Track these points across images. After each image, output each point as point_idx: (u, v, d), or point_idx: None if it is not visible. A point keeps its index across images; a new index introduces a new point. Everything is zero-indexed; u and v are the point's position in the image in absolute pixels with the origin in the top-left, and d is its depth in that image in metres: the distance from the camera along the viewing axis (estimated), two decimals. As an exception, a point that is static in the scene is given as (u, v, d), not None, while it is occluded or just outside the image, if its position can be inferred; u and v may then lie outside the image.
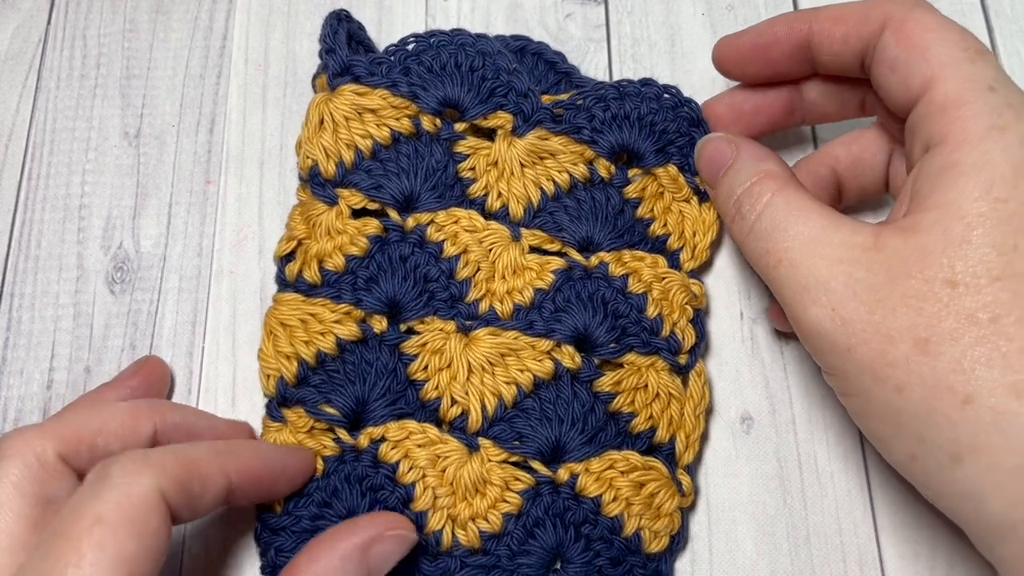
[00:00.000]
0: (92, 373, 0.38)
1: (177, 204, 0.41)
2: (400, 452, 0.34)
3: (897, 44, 0.30)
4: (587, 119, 0.38)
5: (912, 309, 0.27)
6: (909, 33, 0.30)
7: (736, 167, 0.34)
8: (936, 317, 0.26)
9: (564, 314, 0.36)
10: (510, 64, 0.38)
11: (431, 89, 0.38)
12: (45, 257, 0.40)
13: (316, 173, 0.37)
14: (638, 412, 0.36)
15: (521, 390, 0.35)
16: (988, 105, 0.28)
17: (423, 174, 0.37)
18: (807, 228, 0.30)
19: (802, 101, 0.37)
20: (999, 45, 0.43)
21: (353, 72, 0.38)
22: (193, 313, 0.39)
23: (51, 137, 0.42)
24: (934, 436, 0.26)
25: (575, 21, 0.44)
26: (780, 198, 0.31)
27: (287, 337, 0.36)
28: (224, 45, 0.44)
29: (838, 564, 0.35)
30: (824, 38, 0.33)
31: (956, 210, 0.27)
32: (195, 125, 0.42)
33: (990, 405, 0.25)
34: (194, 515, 0.29)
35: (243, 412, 0.38)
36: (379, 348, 0.36)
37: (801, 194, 0.31)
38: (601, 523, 0.34)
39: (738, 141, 0.35)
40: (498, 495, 0.34)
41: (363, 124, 0.38)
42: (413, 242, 0.37)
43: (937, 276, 0.27)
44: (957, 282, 0.26)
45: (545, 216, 0.38)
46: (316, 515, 0.34)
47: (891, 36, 0.30)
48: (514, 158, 0.38)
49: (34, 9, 0.45)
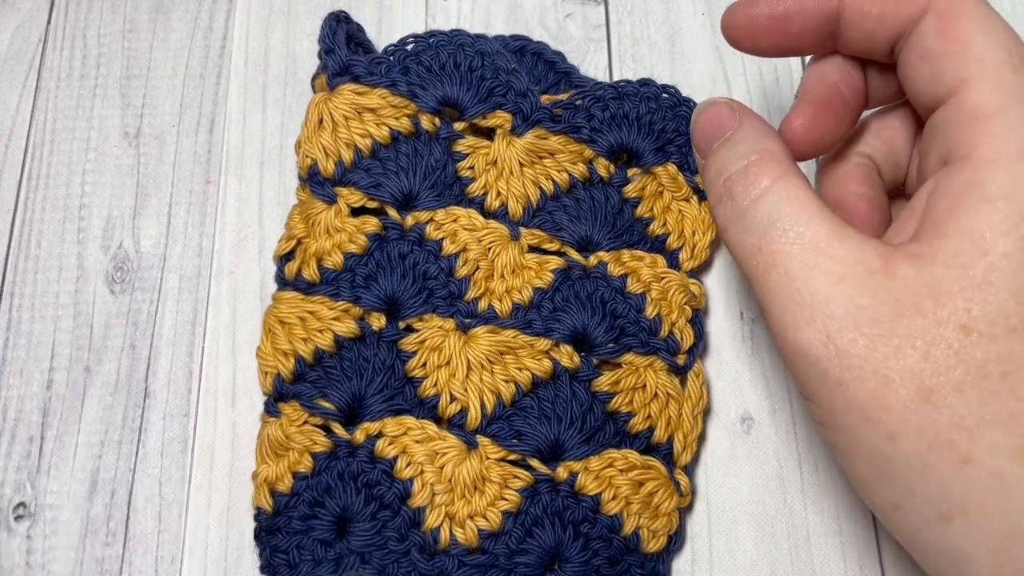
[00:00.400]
0: (92, 373, 0.38)
1: (177, 204, 0.41)
2: (397, 448, 0.34)
3: (937, 33, 0.26)
4: (586, 119, 0.38)
5: (918, 351, 0.24)
6: (953, 23, 0.26)
7: (735, 139, 0.29)
8: (944, 364, 0.24)
9: (563, 313, 0.36)
10: (509, 64, 0.38)
11: (430, 88, 0.38)
12: (45, 257, 0.40)
13: (315, 172, 0.38)
14: (636, 412, 0.36)
15: (520, 389, 0.35)
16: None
17: (422, 173, 0.37)
18: (809, 231, 0.26)
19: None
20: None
21: (352, 72, 0.38)
22: (193, 313, 0.39)
23: (51, 137, 0.42)
24: (924, 490, 0.24)
25: (575, 21, 0.44)
26: (781, 187, 0.27)
27: (286, 335, 0.36)
28: (224, 45, 0.44)
29: (838, 564, 0.35)
30: (857, 14, 0.28)
31: (979, 244, 0.24)
32: (195, 125, 0.43)
33: (991, 467, 0.23)
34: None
35: (243, 412, 0.38)
36: (377, 345, 0.36)
37: (804, 187, 0.27)
38: (600, 522, 0.34)
39: (742, 110, 0.30)
40: (497, 493, 0.34)
41: (362, 123, 0.38)
42: (412, 240, 0.37)
43: (951, 319, 0.24)
44: (972, 328, 0.24)
45: (544, 215, 0.38)
46: (307, 515, 0.34)
47: (932, 23, 0.27)
48: (513, 157, 0.38)
49: (34, 9, 0.45)
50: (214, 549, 0.36)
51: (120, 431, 0.38)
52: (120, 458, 0.37)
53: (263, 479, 0.35)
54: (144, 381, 0.38)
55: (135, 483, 0.37)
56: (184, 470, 0.37)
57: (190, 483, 0.37)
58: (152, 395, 0.38)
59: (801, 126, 0.30)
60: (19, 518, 0.36)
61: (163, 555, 0.36)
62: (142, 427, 0.38)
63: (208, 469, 0.37)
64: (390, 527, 0.34)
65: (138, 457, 0.37)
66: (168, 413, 0.38)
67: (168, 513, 0.36)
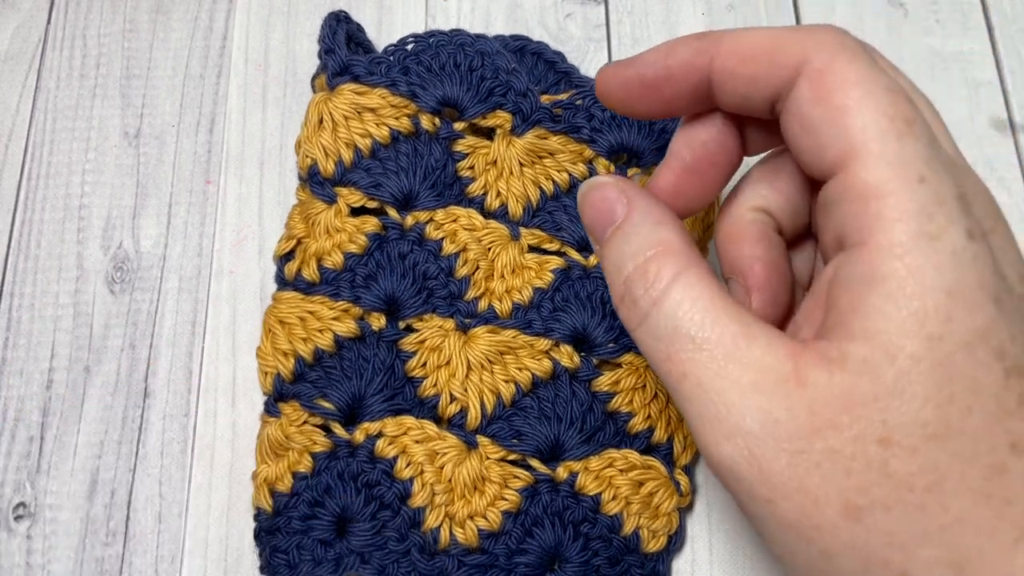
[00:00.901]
0: (92, 373, 0.38)
1: (177, 204, 0.41)
2: (397, 448, 0.34)
3: (813, 101, 0.24)
4: (586, 118, 0.38)
5: (840, 468, 0.23)
6: (828, 89, 0.24)
7: (627, 231, 0.27)
8: (867, 480, 0.22)
9: (563, 313, 0.36)
10: (509, 64, 0.38)
11: (430, 88, 0.38)
12: (45, 257, 0.40)
13: (315, 172, 0.38)
14: (636, 412, 0.36)
15: (520, 389, 0.35)
16: (917, 202, 0.23)
17: (422, 173, 0.37)
18: (715, 335, 0.24)
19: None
20: (999, 45, 0.43)
21: (352, 72, 0.38)
22: (193, 313, 0.39)
23: (51, 137, 0.42)
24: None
25: (575, 21, 0.44)
26: (681, 287, 0.25)
27: (285, 335, 0.36)
28: (224, 45, 0.44)
29: (838, 564, 0.35)
30: (728, 77, 0.27)
31: (886, 349, 0.22)
32: (195, 125, 0.43)
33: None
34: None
35: (243, 412, 0.38)
36: (377, 345, 0.36)
37: (707, 281, 0.25)
38: (600, 522, 0.34)
39: (631, 192, 0.27)
40: (497, 493, 0.34)
41: (362, 123, 0.38)
42: (412, 240, 0.37)
43: (868, 433, 0.22)
44: (890, 441, 0.22)
45: (544, 215, 0.38)
46: (307, 515, 0.34)
47: (806, 89, 0.25)
48: (513, 157, 0.38)
49: (34, 9, 0.45)
50: (214, 549, 0.36)
51: (120, 431, 0.38)
52: (120, 458, 0.37)
53: (263, 479, 0.35)
54: (144, 381, 0.38)
55: (135, 483, 0.37)
56: (184, 470, 0.37)
57: (190, 483, 0.37)
58: (152, 395, 0.38)
59: (665, 191, 0.29)
60: (19, 518, 0.36)
61: (163, 555, 0.36)
62: (142, 427, 0.38)
63: (208, 469, 0.37)
64: (390, 527, 0.34)
65: (138, 457, 0.37)
66: (168, 413, 0.38)
67: (168, 513, 0.36)
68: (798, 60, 0.25)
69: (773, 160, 0.29)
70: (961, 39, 0.44)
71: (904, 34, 0.44)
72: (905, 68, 0.43)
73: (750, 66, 0.26)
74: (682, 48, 0.27)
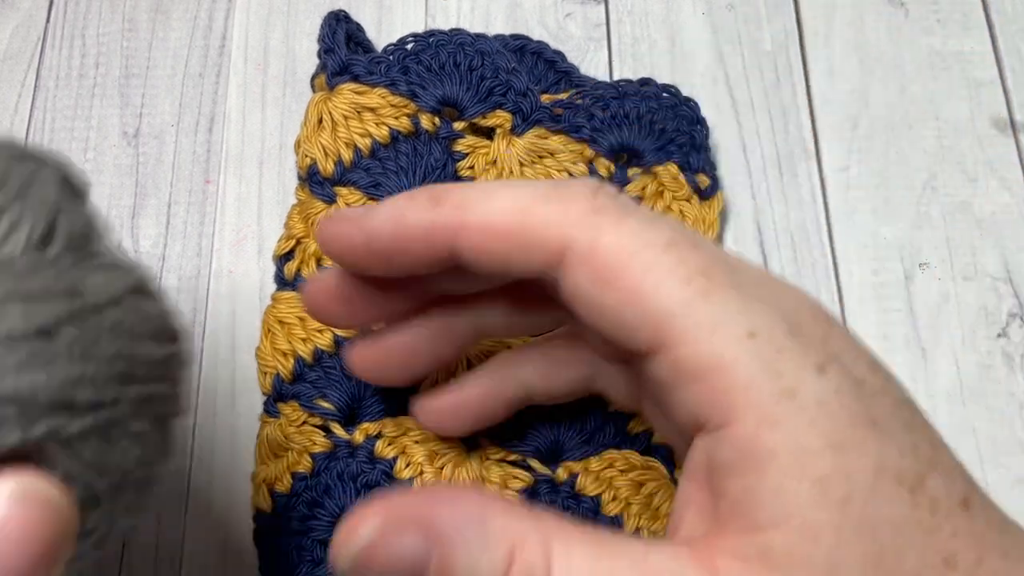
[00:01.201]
0: (91, 373, 0.38)
1: (176, 204, 0.41)
2: (397, 448, 0.34)
3: (593, 285, 0.22)
4: (586, 118, 0.38)
5: None
6: (606, 270, 0.21)
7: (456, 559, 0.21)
8: None
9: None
10: (509, 63, 0.38)
11: (430, 88, 0.38)
12: (44, 257, 0.40)
13: (315, 172, 0.37)
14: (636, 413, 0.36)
15: (520, 389, 0.35)
16: (759, 360, 0.20)
17: (422, 172, 0.37)
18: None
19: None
20: (1000, 44, 0.43)
21: (352, 71, 0.38)
22: (192, 313, 0.39)
23: (50, 136, 0.42)
24: None
25: (575, 21, 0.44)
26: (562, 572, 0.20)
27: (285, 335, 0.36)
28: (223, 44, 0.44)
29: (839, 565, 0.35)
30: (476, 256, 0.23)
31: (804, 530, 0.20)
32: (194, 125, 0.42)
33: None
34: None
35: (242, 412, 0.38)
36: (377, 346, 0.36)
37: (569, 547, 0.21)
38: (601, 522, 0.34)
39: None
40: (497, 493, 0.34)
41: (362, 123, 0.38)
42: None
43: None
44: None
45: (544, 215, 0.38)
46: (306, 515, 0.34)
47: (581, 273, 0.22)
48: (513, 157, 0.38)
49: (33, 8, 0.45)
50: (214, 549, 0.36)
51: (119, 431, 0.37)
52: (119, 458, 0.37)
53: (262, 479, 0.35)
54: (143, 381, 0.38)
55: (134, 483, 0.37)
56: (183, 470, 0.37)
57: (189, 483, 0.37)
58: (151, 395, 0.38)
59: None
60: (18, 518, 0.36)
61: (162, 556, 0.36)
62: (141, 427, 0.38)
63: (208, 469, 0.37)
64: (390, 528, 0.34)
65: (137, 457, 0.37)
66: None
67: (167, 513, 0.36)
68: (559, 242, 0.22)
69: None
70: (962, 39, 0.44)
71: (904, 34, 0.44)
72: (905, 68, 0.43)
73: (501, 243, 0.23)
74: (414, 218, 0.24)
